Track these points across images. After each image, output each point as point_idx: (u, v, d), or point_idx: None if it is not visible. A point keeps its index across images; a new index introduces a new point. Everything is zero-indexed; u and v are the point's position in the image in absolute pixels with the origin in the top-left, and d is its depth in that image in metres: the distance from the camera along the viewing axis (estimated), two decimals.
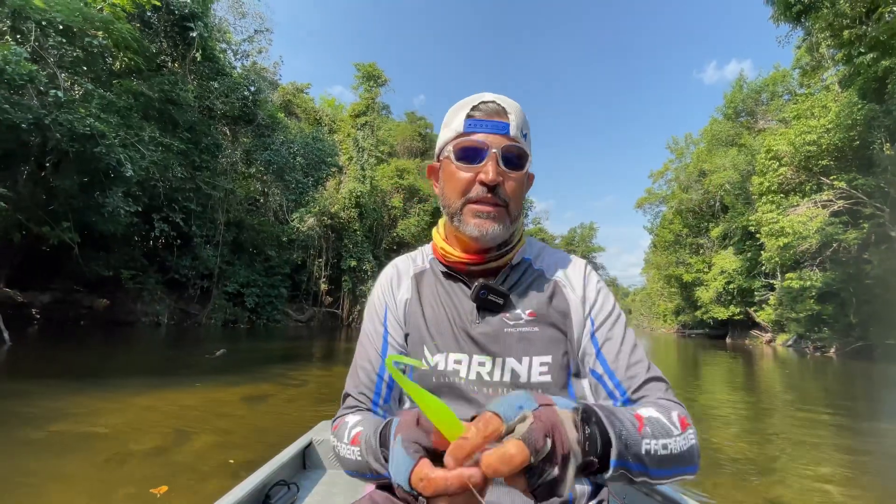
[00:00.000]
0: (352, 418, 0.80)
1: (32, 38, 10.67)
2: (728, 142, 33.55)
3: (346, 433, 0.77)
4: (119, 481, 2.53)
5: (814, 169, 17.91)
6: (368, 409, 0.85)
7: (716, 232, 34.00)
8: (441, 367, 0.81)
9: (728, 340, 32.75)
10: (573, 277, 0.86)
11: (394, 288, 0.91)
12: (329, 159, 23.94)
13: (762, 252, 21.78)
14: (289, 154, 20.69)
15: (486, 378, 0.79)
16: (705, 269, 35.18)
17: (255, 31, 23.14)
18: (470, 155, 0.77)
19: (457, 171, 0.78)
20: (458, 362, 0.81)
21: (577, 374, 0.81)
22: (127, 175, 10.94)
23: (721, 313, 31.96)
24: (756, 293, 27.66)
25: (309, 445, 1.54)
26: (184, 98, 15.14)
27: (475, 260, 0.83)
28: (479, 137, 0.77)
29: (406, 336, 0.87)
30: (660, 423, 0.65)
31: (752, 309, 28.52)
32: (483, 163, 0.76)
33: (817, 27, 10.47)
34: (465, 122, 0.78)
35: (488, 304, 0.81)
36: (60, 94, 9.85)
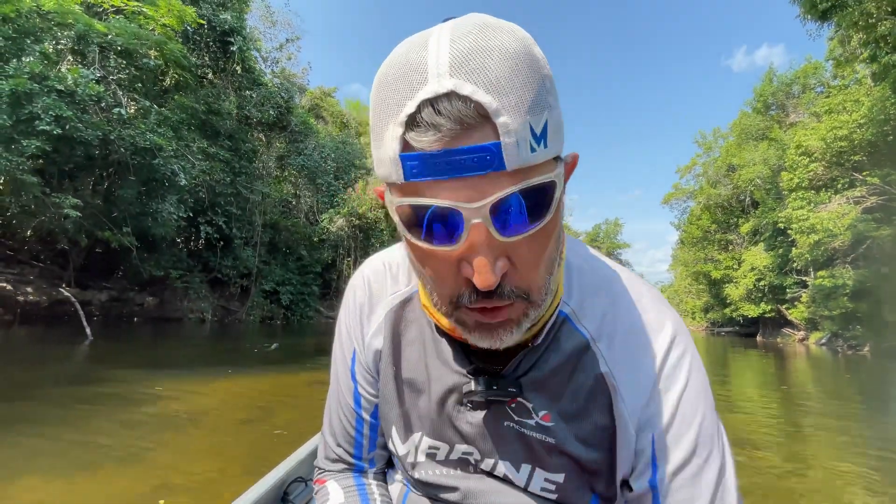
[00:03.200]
0: (333, 493, 0.67)
1: (96, 60, 11.76)
2: (758, 136, 32.86)
3: None
4: (229, 446, 3.21)
5: (846, 164, 17.62)
6: (351, 466, 0.71)
7: (745, 228, 33.39)
8: (410, 458, 0.62)
9: (759, 338, 32.17)
10: (639, 369, 0.52)
11: (364, 322, 0.66)
12: (358, 161, 24.87)
13: (794, 248, 21.48)
14: (320, 158, 21.65)
15: (472, 462, 0.59)
16: (735, 266, 34.59)
17: (287, 39, 24.19)
18: (429, 229, 0.39)
19: (422, 252, 0.43)
20: (435, 448, 0.61)
21: (607, 500, 0.57)
22: (181, 184, 11.93)
23: (752, 311, 31.41)
24: (788, 290, 27.13)
25: None
26: (226, 108, 16.20)
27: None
28: (436, 200, 0.37)
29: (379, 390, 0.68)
30: None
31: (784, 306, 27.99)
32: (461, 243, 0.38)
33: (844, 25, 10.50)
34: (401, 162, 0.37)
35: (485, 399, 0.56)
36: (123, 111, 10.88)
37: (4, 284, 13.56)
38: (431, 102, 0.35)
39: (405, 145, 0.37)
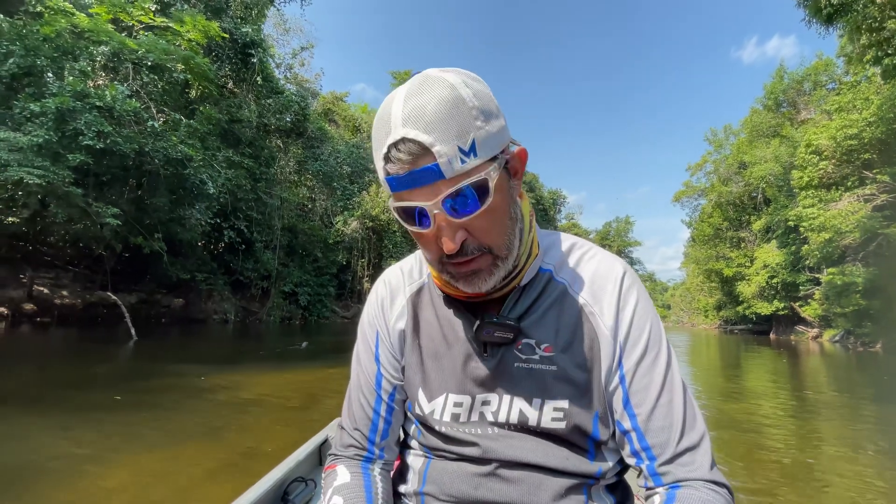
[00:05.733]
0: (341, 474, 0.74)
1: (130, 76, 12.49)
2: (769, 133, 32.78)
3: (328, 492, 0.72)
4: (293, 426, 3.76)
5: (856, 162, 17.74)
6: (363, 451, 0.78)
7: (758, 225, 33.32)
8: (437, 415, 0.72)
9: (772, 336, 32.04)
10: (605, 297, 0.69)
11: (386, 311, 0.79)
12: (371, 165, 25.47)
13: (805, 246, 21.57)
14: (336, 163, 22.29)
15: (490, 418, 0.70)
16: (747, 264, 34.52)
17: (302, 47, 24.93)
18: (412, 219, 0.61)
19: (413, 233, 0.64)
20: (459, 405, 0.71)
21: (605, 421, 0.68)
22: (210, 192, 12.59)
23: (764, 308, 31.34)
24: (801, 287, 27.07)
25: (325, 442, 1.54)
26: (246, 117, 16.90)
27: (476, 296, 0.69)
28: (410, 200, 0.58)
29: (403, 369, 0.78)
30: None
31: (797, 304, 27.94)
32: (432, 226, 0.59)
33: (848, 29, 10.76)
34: (387, 182, 0.59)
35: (495, 341, 0.69)
36: (156, 124, 11.56)
37: (42, 288, 14.36)
38: (394, 145, 0.55)
39: (386, 172, 0.58)
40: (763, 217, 32.85)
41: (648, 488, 0.65)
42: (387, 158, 0.56)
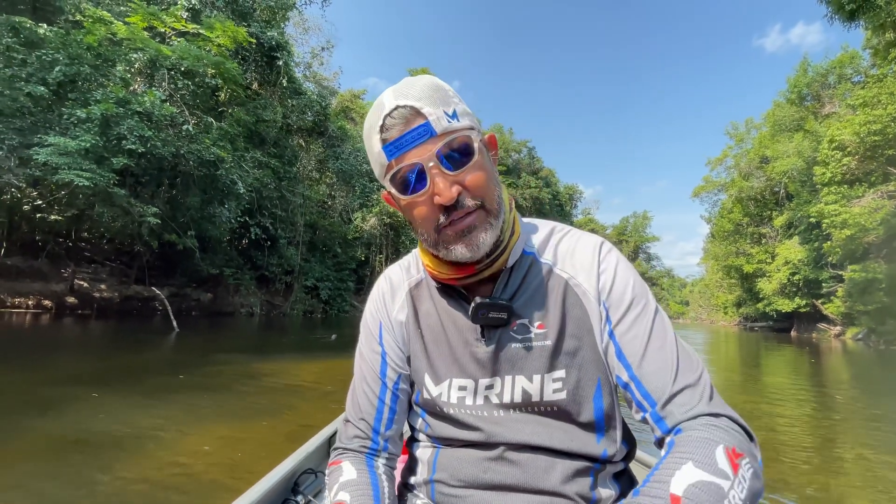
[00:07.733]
0: (346, 470, 0.75)
1: (165, 81, 13.14)
2: (792, 127, 32.14)
3: (334, 488, 0.73)
4: (328, 411, 4.22)
5: (880, 159, 17.46)
6: (367, 442, 0.79)
7: (779, 221, 32.80)
8: (444, 397, 0.75)
9: (793, 334, 31.57)
10: (584, 266, 0.73)
11: (388, 304, 0.83)
12: None
13: (828, 242, 21.30)
14: (356, 162, 22.86)
15: (495, 400, 0.72)
16: (768, 260, 34.03)
17: (322, 48, 25.50)
18: (410, 184, 0.65)
19: (409, 204, 0.67)
20: (463, 388, 0.74)
21: (606, 387, 0.71)
22: (240, 192, 13.21)
23: (785, 305, 30.90)
24: (824, 284, 26.63)
25: (335, 435, 1.55)
26: (271, 118, 17.52)
27: (465, 274, 0.72)
28: (406, 161, 0.63)
29: (408, 359, 0.80)
30: (705, 486, 0.52)
31: (820, 301, 27.51)
32: (428, 185, 0.64)
33: (871, 27, 10.69)
34: (383, 151, 0.64)
35: (491, 322, 0.71)
36: (191, 128, 12.19)
37: (82, 282, 15.22)
38: (389, 114, 0.64)
39: (382, 142, 0.65)
40: (785, 213, 32.31)
41: (658, 441, 0.66)
42: (382, 129, 0.64)
